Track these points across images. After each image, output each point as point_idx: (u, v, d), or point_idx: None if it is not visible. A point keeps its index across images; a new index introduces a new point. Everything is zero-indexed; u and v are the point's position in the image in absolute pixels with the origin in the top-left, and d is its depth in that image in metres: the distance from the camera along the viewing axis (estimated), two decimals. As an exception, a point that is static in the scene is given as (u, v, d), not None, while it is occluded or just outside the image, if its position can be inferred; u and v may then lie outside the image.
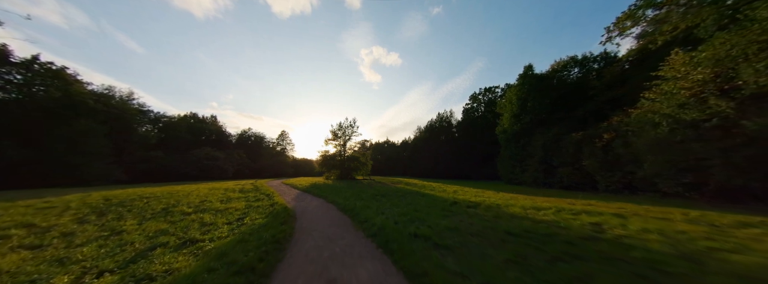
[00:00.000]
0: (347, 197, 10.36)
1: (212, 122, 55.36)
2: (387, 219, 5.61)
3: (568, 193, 13.26)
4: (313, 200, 10.13)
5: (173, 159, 36.96)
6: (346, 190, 13.92)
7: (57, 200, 9.04)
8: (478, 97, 41.46)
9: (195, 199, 9.44)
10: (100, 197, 9.84)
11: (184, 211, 7.25)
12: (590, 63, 21.44)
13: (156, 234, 4.91)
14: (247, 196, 10.77)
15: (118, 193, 11.46)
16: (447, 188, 16.19)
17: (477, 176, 39.40)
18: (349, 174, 31.72)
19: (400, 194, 12.09)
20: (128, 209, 7.47)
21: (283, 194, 12.04)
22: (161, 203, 8.39)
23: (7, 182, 19.76)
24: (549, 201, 9.09)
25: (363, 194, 11.56)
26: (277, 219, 5.84)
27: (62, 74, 26.43)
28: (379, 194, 11.92)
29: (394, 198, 10.40)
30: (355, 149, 33.44)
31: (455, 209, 7.34)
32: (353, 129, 32.66)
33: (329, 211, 7.37)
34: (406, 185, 18.77)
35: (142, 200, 9.18)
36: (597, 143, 13.71)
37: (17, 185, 19.25)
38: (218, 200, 9.31)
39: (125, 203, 8.45)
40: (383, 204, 8.57)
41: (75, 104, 26.81)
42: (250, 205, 8.32)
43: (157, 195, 10.68)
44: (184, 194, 11.31)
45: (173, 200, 9.20)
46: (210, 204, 8.44)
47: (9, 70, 23.99)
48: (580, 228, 4.73)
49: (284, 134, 68.29)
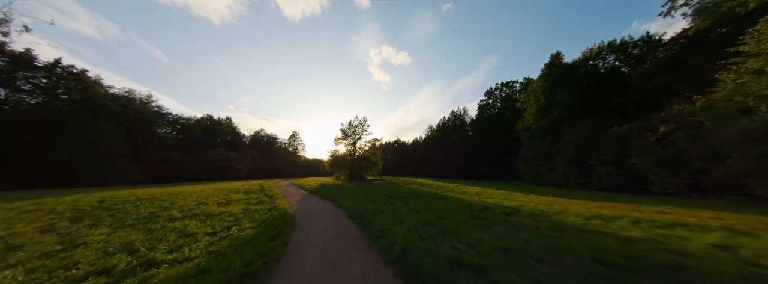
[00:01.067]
0: (358, 200, 9.12)
1: (227, 124, 56.40)
2: (409, 232, 4.28)
3: (614, 196, 11.27)
4: (319, 202, 8.99)
5: (188, 160, 37.60)
6: (356, 191, 12.72)
7: (50, 202, 8.47)
8: (494, 92, 39.04)
9: (192, 201, 8.57)
10: (96, 198, 9.23)
11: (172, 216, 6.30)
12: (629, 48, 18.93)
13: (117, 249, 3.87)
14: (248, 198, 9.81)
15: (119, 194, 10.91)
16: (467, 189, 14.58)
17: (494, 175, 37.04)
18: (359, 174, 30.64)
19: (416, 196, 10.70)
20: (112, 213, 6.64)
21: (287, 196, 11.02)
22: (153, 206, 7.54)
23: (31, 182, 20.35)
24: (604, 207, 7.35)
25: (375, 196, 10.29)
26: (269, 229, 4.68)
27: (82, 76, 27.28)
28: (393, 196, 10.59)
29: (410, 201, 9.04)
30: (366, 149, 32.37)
31: (490, 217, 5.87)
32: (364, 128, 31.57)
33: (336, 217, 6.15)
34: (420, 185, 17.31)
35: (135, 202, 8.41)
36: (649, 137, 11.61)
37: (40, 186, 19.74)
38: (216, 203, 8.39)
39: (116, 206, 7.69)
40: (399, 208, 7.24)
41: (94, 106, 27.61)
42: (247, 209, 7.27)
43: (156, 197, 9.96)
44: (185, 195, 10.56)
45: (168, 202, 8.37)
46: (205, 208, 7.49)
47: (34, 74, 24.97)
48: (706, 253, 3.15)
49: (295, 135, 68.68)
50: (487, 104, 40.13)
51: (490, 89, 39.59)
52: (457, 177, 40.04)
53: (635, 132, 12.62)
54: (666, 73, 15.16)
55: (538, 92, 20.62)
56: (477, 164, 42.07)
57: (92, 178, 23.97)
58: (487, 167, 39.55)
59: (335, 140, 32.28)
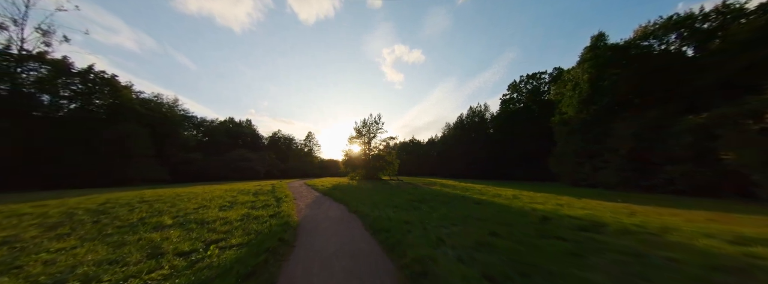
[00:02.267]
0: (376, 204, 7.69)
1: (247, 126, 58.06)
2: (464, 265, 2.73)
3: (707, 202, 8.75)
4: (331, 207, 7.68)
5: (211, 161, 38.73)
6: (373, 193, 11.32)
7: (53, 203, 7.99)
8: (519, 86, 35.83)
9: (194, 205, 7.65)
10: (101, 200, 8.67)
11: (161, 223, 5.28)
12: (697, 23, 15.69)
13: (59, 274, 2.76)
14: (255, 201, 8.77)
15: (127, 195, 10.44)
16: (498, 191, 12.57)
17: (519, 175, 33.89)
18: (374, 174, 29.32)
19: (443, 199, 9.04)
20: (99, 219, 5.79)
21: (298, 198, 9.89)
22: (148, 211, 6.67)
23: (69, 182, 21.48)
24: (726, 221, 5.23)
25: (396, 199, 8.80)
26: (259, 248, 3.37)
27: (112, 81, 28.80)
28: (416, 199, 9.02)
29: (438, 206, 7.44)
30: (381, 148, 31.02)
31: (565, 235, 4.13)
32: (378, 126, 30.21)
33: (351, 230, 4.75)
34: (442, 186, 15.52)
35: (134, 205, 7.67)
36: (750, 125, 8.95)
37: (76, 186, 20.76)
38: (218, 206, 7.38)
39: (112, 209, 6.94)
40: (429, 217, 5.69)
41: (123, 110, 29.09)
42: (248, 214, 6.12)
43: (161, 199, 9.28)
44: (191, 197, 9.81)
45: (168, 205, 7.51)
46: (203, 212, 6.47)
47: (72, 80, 26.68)
48: None
49: (310, 136, 69.25)
50: (511, 98, 36.99)
51: (513, 82, 36.44)
52: (478, 178, 37.36)
53: (724, 121, 9.92)
54: (758, 47, 12.05)
55: (579, 81, 17.90)
56: (500, 163, 39.04)
57: (122, 178, 24.97)
58: (511, 167, 36.45)
59: (349, 139, 31.28)
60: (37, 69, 24.57)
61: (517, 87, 35.63)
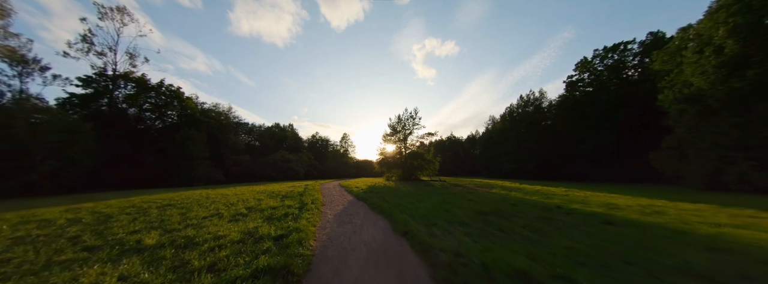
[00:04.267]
0: (431, 218, 5.25)
1: (290, 130, 61.86)
2: None
3: None
4: (367, 221, 5.53)
5: (257, 162, 41.70)
6: (418, 198, 8.87)
7: (86, 207, 7.84)
8: (591, 63, 28.59)
9: (205, 212, 6.43)
10: (122, 204, 8.24)
11: (137, 244, 3.88)
12: None
13: None
14: (278, 207, 7.25)
15: (157, 197, 10.24)
16: (609, 199, 8.70)
17: (595, 176, 26.81)
18: (412, 174, 26.70)
19: (531, 212, 6.02)
20: (84, 230, 4.77)
21: (327, 204, 8.09)
22: (147, 221, 5.58)
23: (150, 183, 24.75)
24: None
25: (455, 210, 6.18)
26: None
27: (178, 93, 32.91)
28: (487, 210, 6.22)
29: (536, 223, 4.58)
30: (418, 145, 28.26)
31: None
32: (414, 121, 27.52)
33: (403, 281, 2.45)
34: (507, 190, 12.06)
35: (148, 210, 6.86)
36: None
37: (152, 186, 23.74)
38: (231, 215, 5.97)
39: (122, 215, 6.16)
40: (541, 253, 2.99)
41: (187, 118, 32.97)
42: (253, 232, 4.37)
43: (182, 202, 8.57)
44: (215, 200, 8.93)
45: (177, 212, 6.44)
46: (207, 225, 5.05)
47: (150, 94, 31.19)
48: None
49: (346, 137, 70.23)
50: (579, 80, 29.86)
51: (582, 60, 29.26)
52: (534, 178, 31.28)
53: None
54: None
55: (710, 38, 12.19)
56: (563, 160, 32.04)
57: (186, 179, 27.88)
58: (581, 165, 29.35)
59: (383, 137, 29.34)
60: (126, 87, 29.29)
61: (589, 65, 28.41)
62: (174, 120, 33.66)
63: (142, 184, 23.49)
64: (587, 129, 28.70)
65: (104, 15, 27.82)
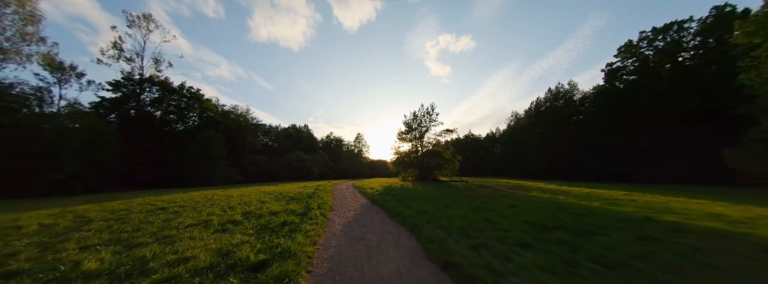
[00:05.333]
0: (473, 235, 3.79)
1: (305, 131, 62.62)
2: None
3: None
4: (387, 233, 4.20)
5: (273, 162, 42.19)
6: (445, 202, 7.35)
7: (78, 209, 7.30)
8: (636, 47, 24.94)
9: (191, 219, 5.46)
10: (116, 206, 7.61)
11: (69, 273, 2.87)
12: None
13: None
14: (278, 213, 6.17)
15: (158, 199, 9.65)
16: (717, 208, 6.61)
17: (642, 176, 23.27)
18: (429, 174, 24.99)
19: (629, 232, 4.31)
20: (30, 245, 3.92)
21: (337, 209, 6.89)
22: (118, 231, 4.69)
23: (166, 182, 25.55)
24: None
25: (504, 223, 4.62)
26: None
27: (198, 95, 33.94)
28: (555, 225, 4.57)
29: (664, 260, 2.96)
30: (435, 143, 26.47)
31: None
32: (431, 117, 25.82)
33: None
34: (550, 193, 10.12)
35: (129, 216, 6.08)
36: None
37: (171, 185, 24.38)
38: (219, 224, 4.93)
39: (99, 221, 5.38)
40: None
41: (208, 120, 33.92)
42: (227, 254, 3.21)
43: (180, 204, 7.82)
44: (214, 203, 8.07)
45: (162, 217, 5.58)
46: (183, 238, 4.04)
47: (173, 97, 32.41)
48: None
49: (359, 137, 69.72)
50: (622, 67, 26.26)
51: (626, 44, 25.64)
52: (570, 178, 28.08)
53: None
54: None
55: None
56: (601, 158, 28.45)
57: (206, 179, 28.45)
58: (624, 163, 25.74)
59: (398, 135, 27.88)
60: (151, 90, 30.62)
61: (634, 50, 24.74)
62: (195, 121, 34.78)
63: (164, 184, 24.11)
64: (631, 123, 25.15)
65: (132, 23, 29.18)
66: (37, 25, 15.79)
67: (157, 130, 30.22)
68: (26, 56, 15.57)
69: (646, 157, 24.32)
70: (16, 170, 11.99)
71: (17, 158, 11.98)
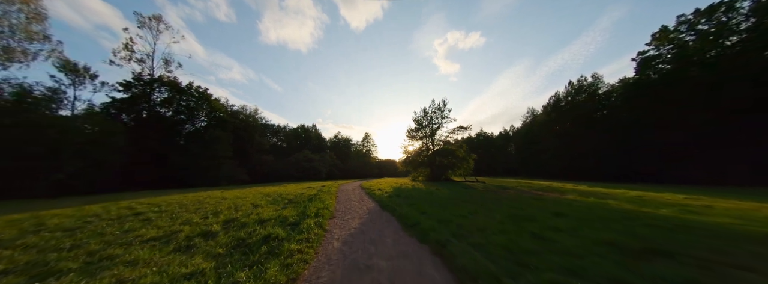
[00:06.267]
0: (533, 267, 2.51)
1: (313, 131, 62.43)
2: None
3: None
4: (404, 258, 2.98)
5: (280, 162, 41.89)
6: (469, 208, 5.99)
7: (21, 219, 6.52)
8: (676, 32, 22.34)
9: (155, 231, 4.51)
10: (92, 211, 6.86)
11: None
12: None
13: None
14: (266, 221, 5.09)
15: (147, 201, 8.86)
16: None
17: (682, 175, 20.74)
18: (442, 174, 23.54)
19: (745, 249, 2.89)
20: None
21: (340, 215, 5.74)
22: (54, 245, 3.71)
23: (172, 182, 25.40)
24: None
25: (568, 243, 3.24)
26: None
27: (206, 95, 33.97)
28: (645, 247, 3.21)
29: None
30: (448, 141, 24.92)
31: None
32: (443, 114, 24.30)
33: None
34: (593, 196, 8.53)
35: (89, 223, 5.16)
36: None
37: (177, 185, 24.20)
38: (184, 239, 3.90)
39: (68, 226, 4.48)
40: None
41: (216, 120, 33.89)
42: None
43: (161, 208, 6.92)
44: (198, 207, 7.15)
45: (123, 227, 4.62)
46: (118, 263, 2.98)
47: (182, 96, 32.55)
48: None
49: (367, 136, 68.77)
50: (656, 56, 23.69)
51: (661, 30, 23.07)
52: (596, 178, 25.78)
53: None
54: None
55: None
56: (630, 155, 25.94)
57: (212, 178, 28.25)
58: (653, 160, 23.30)
59: (408, 133, 26.49)
60: (160, 90, 30.81)
61: (671, 36, 22.17)
62: (204, 121, 34.84)
63: (169, 184, 23.92)
64: (664, 116, 22.65)
65: (143, 24, 29.38)
66: (43, 23, 15.71)
67: (167, 130, 30.35)
68: (32, 55, 15.53)
69: (681, 151, 21.92)
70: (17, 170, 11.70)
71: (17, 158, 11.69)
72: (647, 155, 24.55)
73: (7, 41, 14.04)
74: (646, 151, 24.68)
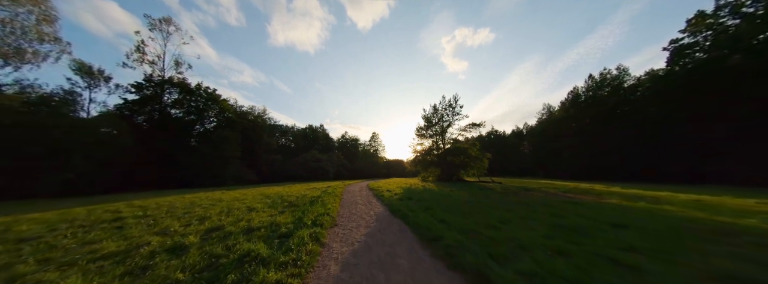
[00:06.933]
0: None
1: (321, 131, 62.38)
2: None
3: None
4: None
5: (288, 162, 41.78)
6: (497, 215, 4.88)
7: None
8: (716, 16, 20.06)
9: (121, 242, 3.80)
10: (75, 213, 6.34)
11: None
12: None
13: None
14: (255, 230, 4.29)
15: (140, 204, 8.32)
16: None
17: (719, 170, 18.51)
18: (453, 174, 22.32)
19: None
20: None
21: (343, 223, 4.86)
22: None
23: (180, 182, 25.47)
24: None
25: (670, 277, 2.24)
26: None
27: (215, 95, 34.17)
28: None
29: None
30: (459, 139, 23.66)
31: None
32: (454, 110, 23.06)
33: None
34: (643, 201, 7.26)
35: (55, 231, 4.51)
36: None
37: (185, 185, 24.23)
38: (144, 256, 3.15)
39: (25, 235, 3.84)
40: None
41: (225, 120, 34.04)
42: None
43: (146, 212, 6.29)
44: (187, 210, 6.49)
45: (87, 238, 3.94)
46: None
47: (191, 97, 32.87)
48: None
49: (375, 136, 68.02)
50: (692, 44, 21.48)
51: (698, 14, 20.80)
52: (622, 179, 23.76)
53: None
54: None
55: None
56: (659, 153, 23.77)
57: (220, 178, 28.24)
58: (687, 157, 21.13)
59: (417, 131, 25.37)
60: (170, 91, 31.20)
61: (709, 21, 19.94)
62: (213, 122, 35.08)
63: (177, 184, 23.95)
64: (703, 110, 20.49)
65: (153, 26, 29.77)
66: (54, 25, 15.85)
67: (176, 130, 30.68)
68: (43, 56, 15.70)
69: (719, 146, 19.82)
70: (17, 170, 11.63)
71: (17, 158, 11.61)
72: (678, 151, 22.45)
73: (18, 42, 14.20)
74: (678, 147, 22.58)
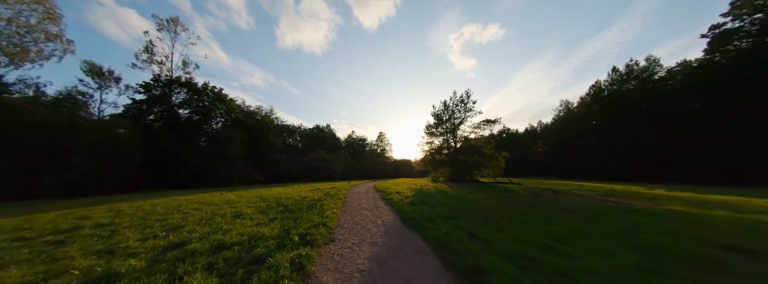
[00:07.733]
0: None
1: (328, 131, 62.05)
2: None
3: None
4: None
5: (295, 162, 41.39)
6: (552, 232, 3.57)
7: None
8: (759, -2, 17.69)
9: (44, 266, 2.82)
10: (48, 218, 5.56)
11: None
12: None
13: None
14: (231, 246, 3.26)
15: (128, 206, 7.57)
16: None
17: None
18: (466, 174, 20.90)
19: None
20: None
21: (341, 236, 3.79)
22: None
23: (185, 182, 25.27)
24: None
25: None
26: None
27: (221, 95, 34.12)
28: None
29: None
30: (472, 137, 22.22)
31: None
32: (466, 106, 21.63)
33: None
34: (725, 210, 5.81)
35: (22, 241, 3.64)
36: None
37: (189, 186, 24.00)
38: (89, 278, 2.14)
39: None
40: None
41: (232, 120, 33.94)
42: None
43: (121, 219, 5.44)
44: (164, 217, 5.64)
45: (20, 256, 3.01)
46: None
47: (199, 97, 32.93)
48: None
49: (382, 136, 67.04)
50: (737, 29, 19.12)
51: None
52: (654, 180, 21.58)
53: None
54: None
55: None
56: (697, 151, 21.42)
57: (225, 179, 27.91)
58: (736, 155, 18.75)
59: (426, 129, 24.05)
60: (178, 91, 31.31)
61: (758, 2, 17.56)
62: (220, 121, 35.05)
63: (184, 184, 23.72)
64: (751, 103, 18.15)
65: (161, 26, 29.93)
66: (58, 23, 15.76)
67: (183, 130, 30.72)
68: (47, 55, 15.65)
69: None
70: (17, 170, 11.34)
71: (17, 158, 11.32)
72: (712, 148, 20.16)
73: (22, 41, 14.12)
74: (712, 143, 20.26)
